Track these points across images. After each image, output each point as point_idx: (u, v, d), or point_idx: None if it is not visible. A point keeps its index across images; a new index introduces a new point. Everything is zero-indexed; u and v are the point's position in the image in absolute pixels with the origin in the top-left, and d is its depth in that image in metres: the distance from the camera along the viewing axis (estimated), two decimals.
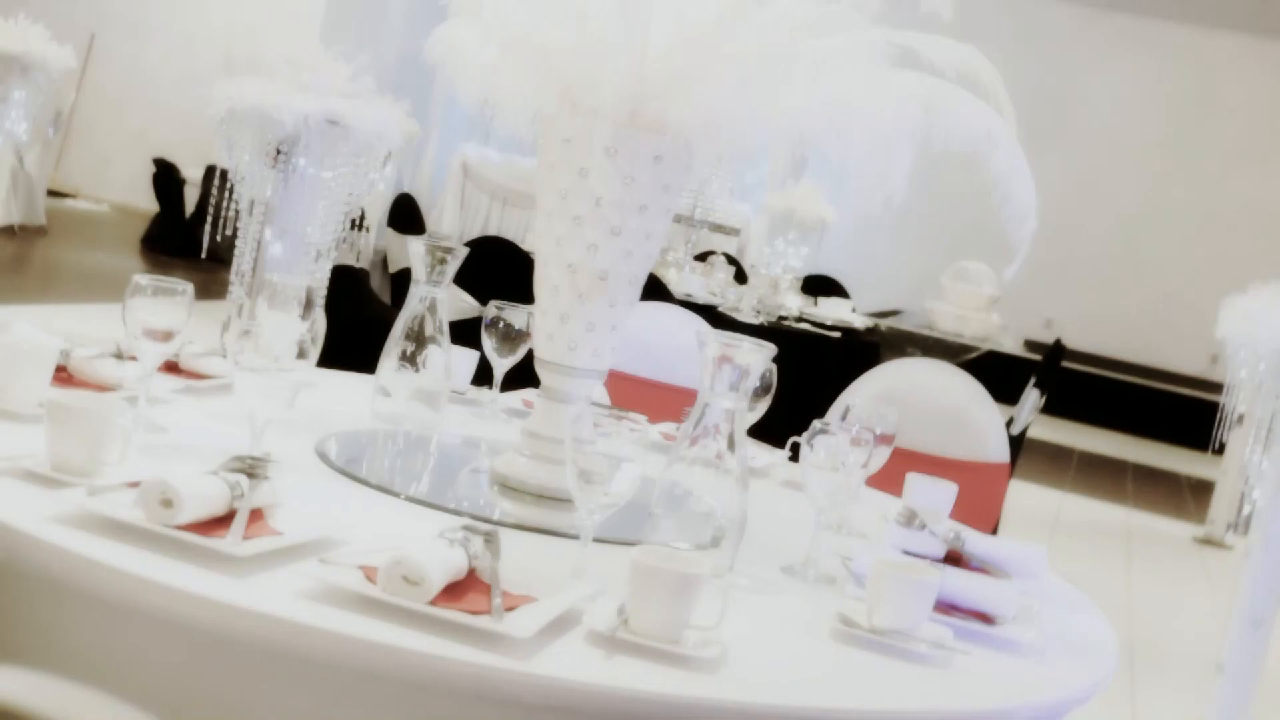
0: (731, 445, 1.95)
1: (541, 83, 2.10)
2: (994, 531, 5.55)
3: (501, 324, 2.70)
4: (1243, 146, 13.00)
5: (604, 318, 2.14)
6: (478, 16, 2.07)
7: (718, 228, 6.82)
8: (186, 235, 10.73)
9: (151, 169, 11.61)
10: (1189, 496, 9.21)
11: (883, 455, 2.38)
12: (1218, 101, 13.07)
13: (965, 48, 2.06)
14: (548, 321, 2.15)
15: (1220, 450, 4.49)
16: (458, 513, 1.96)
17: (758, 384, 2.59)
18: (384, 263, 7.38)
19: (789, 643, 1.75)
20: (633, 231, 2.10)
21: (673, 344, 3.31)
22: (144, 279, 2.07)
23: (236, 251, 3.62)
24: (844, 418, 2.40)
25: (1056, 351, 6.10)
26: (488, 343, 2.71)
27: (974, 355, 12.17)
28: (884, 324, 12.48)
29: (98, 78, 13.11)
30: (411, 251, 2.51)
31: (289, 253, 3.58)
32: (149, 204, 11.86)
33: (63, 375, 2.21)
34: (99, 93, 13.14)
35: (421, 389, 2.49)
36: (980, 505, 3.28)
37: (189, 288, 2.09)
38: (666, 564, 1.60)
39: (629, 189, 2.07)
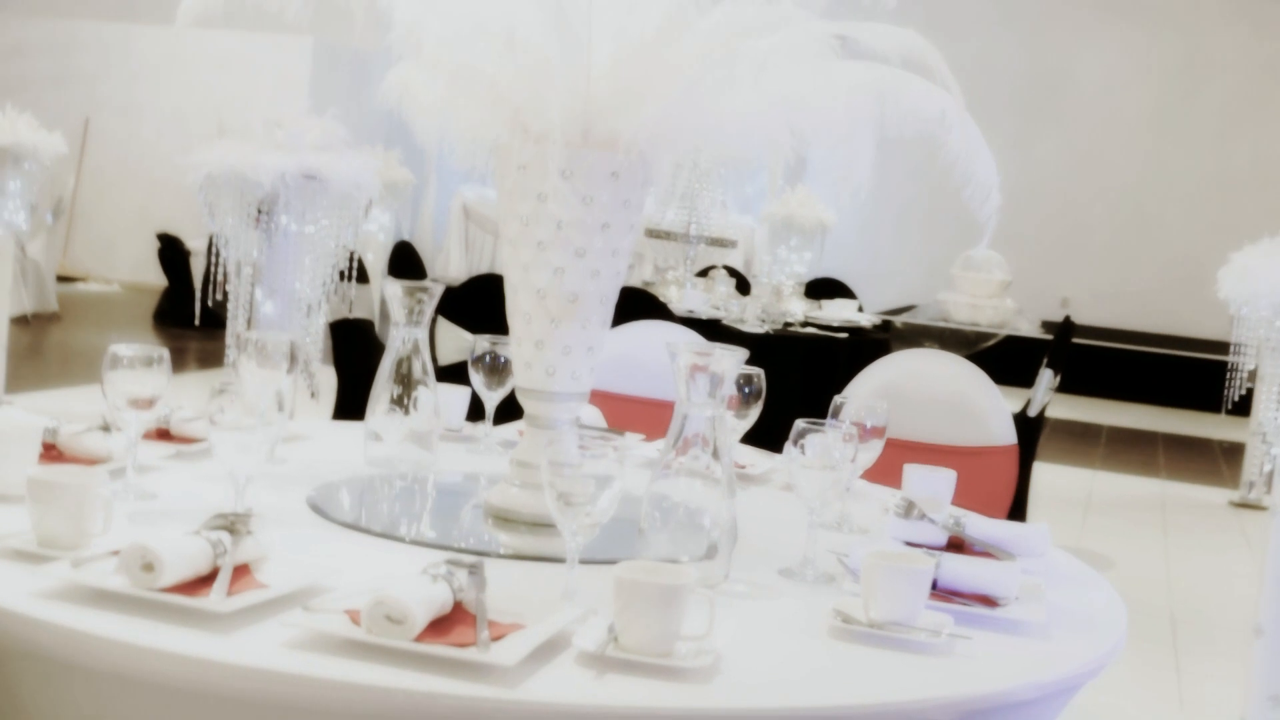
0: (716, 454, 1.95)
1: (491, 112, 2.11)
2: (1013, 513, 5.53)
3: (487, 358, 2.70)
4: (1237, 106, 12.95)
5: (579, 340, 2.14)
6: (420, 53, 2.07)
7: (715, 241, 6.81)
8: (200, 308, 10.80)
9: (156, 245, 11.68)
10: (1222, 461, 9.15)
11: (875, 449, 2.37)
12: (1208, 64, 13.02)
13: (904, 31, 2.05)
14: (524, 349, 2.15)
15: (1235, 411, 4.45)
16: (448, 549, 1.96)
17: (747, 390, 2.60)
18: (385, 312, 7.40)
19: (786, 644, 1.74)
20: (598, 251, 2.10)
21: (667, 361, 3.30)
22: (120, 349, 2.08)
23: (230, 314, 3.64)
24: (835, 415, 2.39)
25: (1066, 329, 6.07)
26: (476, 378, 2.71)
27: (992, 342, 12.13)
28: (899, 320, 12.48)
29: (95, 161, 13.23)
30: (388, 295, 2.51)
31: (281, 310, 3.60)
32: (158, 279, 11.93)
33: (53, 453, 2.22)
34: (98, 175, 13.25)
35: (413, 430, 2.49)
36: (992, 489, 3.26)
37: (164, 354, 2.10)
38: (650, 577, 1.59)
39: (589, 209, 2.07)
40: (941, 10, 13.55)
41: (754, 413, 2.60)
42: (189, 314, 11.00)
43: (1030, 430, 5.77)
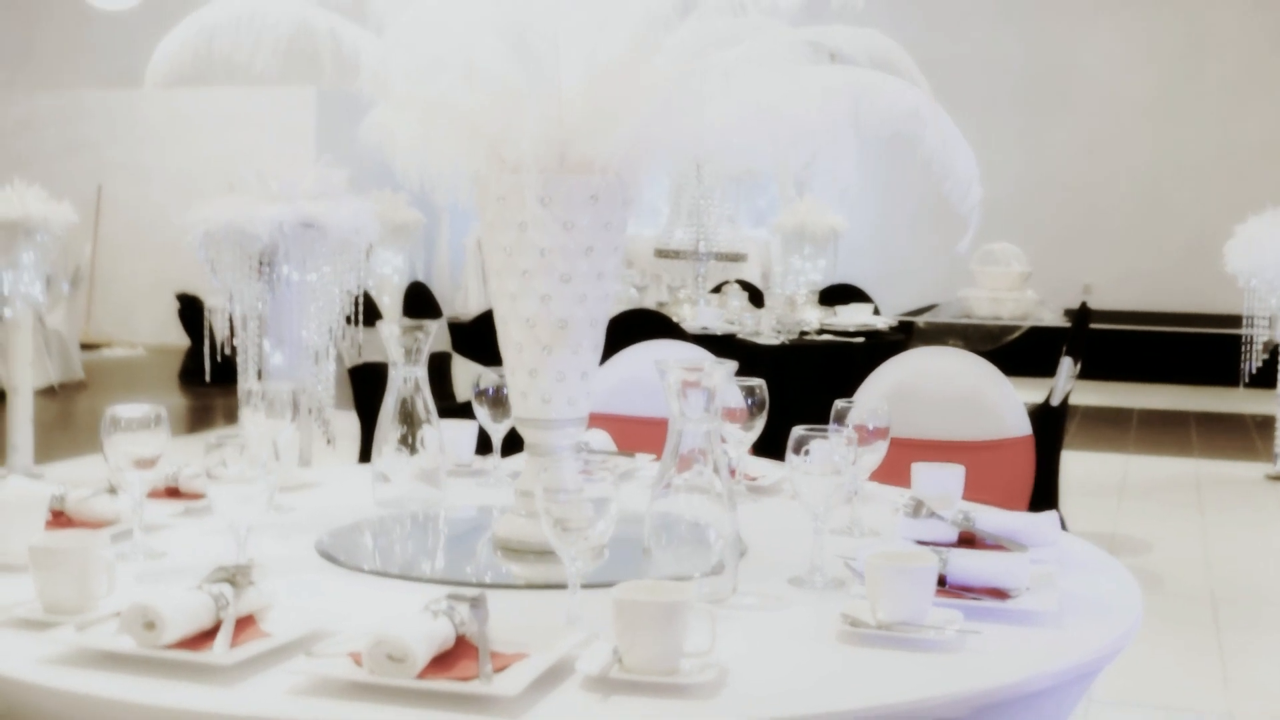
0: (715, 468, 1.95)
1: (467, 146, 2.12)
2: (1043, 503, 5.49)
3: (490, 390, 2.70)
4: (1243, 80, 12.89)
5: (572, 365, 2.14)
6: (389, 94, 2.07)
7: (725, 256, 6.81)
8: (221, 363, 10.85)
9: (176, 305, 11.75)
10: (1256, 436, 9.07)
11: (879, 451, 2.36)
12: (1211, 40, 12.96)
13: (868, 31, 2.05)
14: (518, 379, 2.16)
15: (1254, 383, 4.42)
16: (455, 583, 1.96)
17: (750, 401, 2.60)
18: None
19: (795, 653, 1.73)
20: (583, 275, 2.11)
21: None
22: (118, 411, 2.09)
23: (240, 367, 3.66)
24: (838, 419, 2.38)
25: (1083, 316, 6.04)
26: (480, 411, 2.71)
27: (1016, 335, 12.09)
28: (921, 320, 12.45)
29: (110, 227, 13.33)
30: (385, 336, 2.52)
31: (290, 359, 3.61)
32: (181, 339, 12.00)
33: (63, 519, 2.23)
34: (114, 241, 13.36)
35: (420, 469, 2.50)
36: (1010, 481, 3.24)
37: (162, 412, 2.11)
38: (649, 597, 1.59)
39: (571, 234, 2.08)
40: (939, 7, 13.56)
41: (759, 424, 2.60)
42: (214, 371, 11.09)
43: (1055, 420, 5.74)
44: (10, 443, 7.20)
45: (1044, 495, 5.51)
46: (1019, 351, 11.52)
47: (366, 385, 6.29)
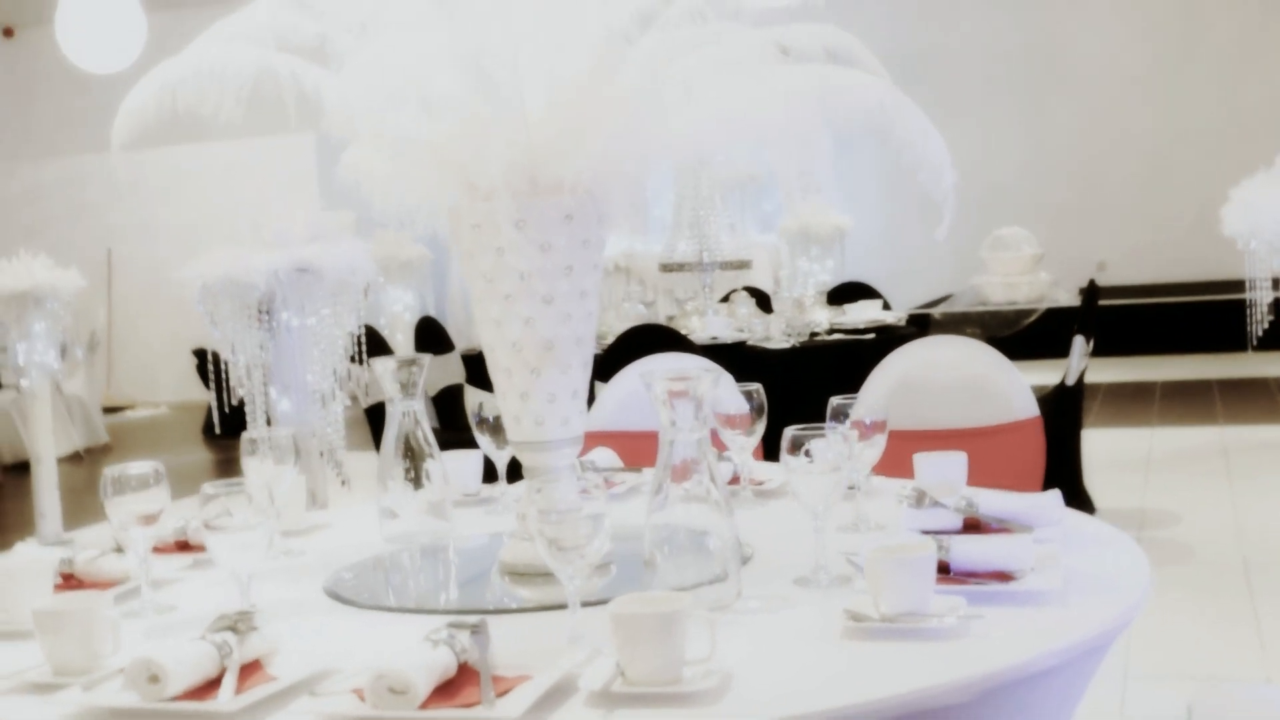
0: (710, 475, 1.95)
1: (438, 177, 2.12)
2: (1068, 482, 5.47)
3: (490, 418, 2.70)
4: (1240, 43, 12.83)
5: (562, 385, 2.14)
6: (354, 131, 2.08)
7: (729, 265, 6.81)
8: (235, 414, 10.89)
9: (194, 360, 11.80)
10: (1279, 399, 9.02)
11: (878, 445, 2.36)
12: (1203, 7, 12.92)
13: (825, 27, 2.06)
14: (510, 404, 2.16)
15: (1260, 347, 4.40)
16: (462, 612, 1.96)
17: (750, 406, 2.60)
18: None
19: (801, 653, 1.73)
20: (565, 295, 2.11)
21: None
22: (115, 471, 2.10)
23: (248, 416, 3.68)
24: (834, 416, 2.38)
25: (1092, 294, 6.02)
26: (482, 439, 2.72)
27: (1033, 318, 12.07)
28: (936, 311, 12.42)
29: (123, 289, 13.41)
30: (379, 373, 2.53)
31: (297, 405, 3.63)
32: (202, 395, 12.04)
33: (72, 581, 2.24)
34: (127, 303, 13.44)
35: (426, 502, 2.51)
36: (1021, 463, 3.23)
37: (159, 468, 2.11)
38: (645, 609, 1.59)
39: (548, 255, 2.08)
40: None
41: (759, 428, 2.60)
42: (237, 424, 11.14)
43: (1072, 399, 5.72)
44: (38, 510, 7.24)
45: (1065, 474, 5.49)
46: (1037, 335, 11.50)
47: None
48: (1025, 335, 11.86)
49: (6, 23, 13.85)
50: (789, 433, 2.02)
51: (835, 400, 2.40)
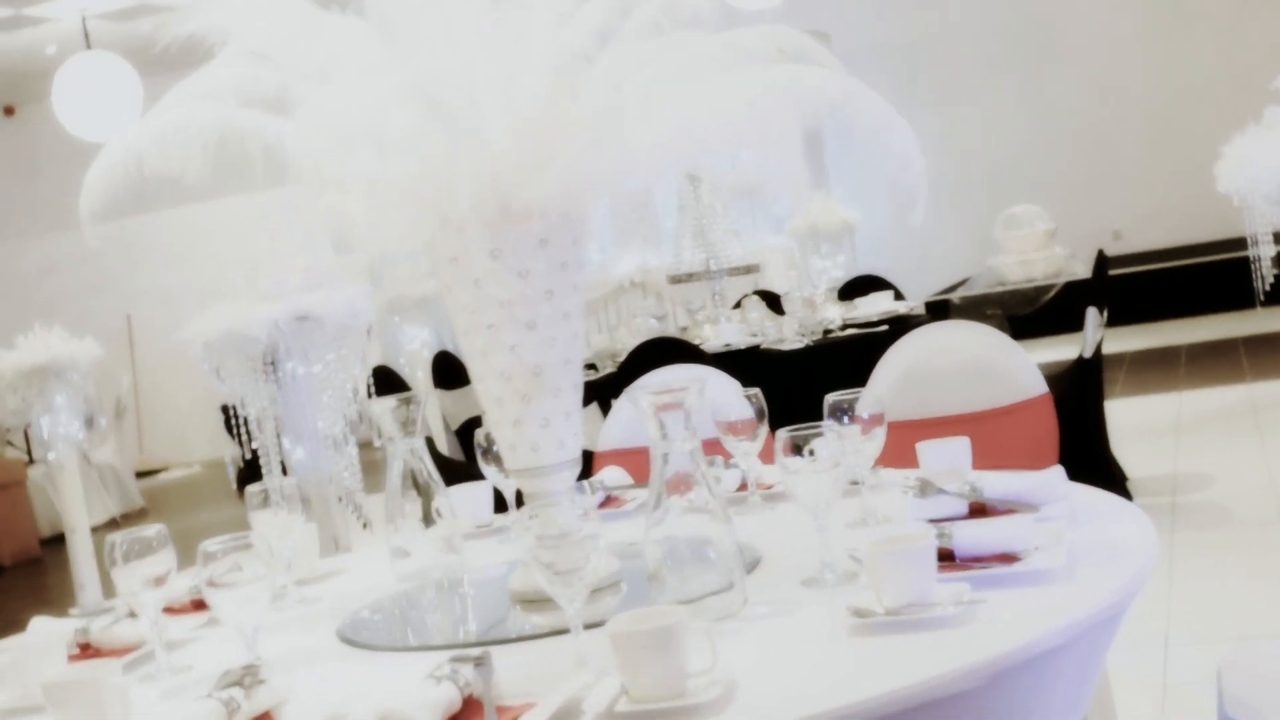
0: (705, 485, 1.94)
1: (413, 215, 2.13)
2: (1096, 454, 5.44)
3: (493, 448, 2.70)
4: (1233, 5, 12.77)
5: (555, 409, 2.14)
6: (320, 179, 2.08)
7: (737, 270, 6.80)
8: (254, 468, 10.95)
9: (222, 417, 11.85)
10: None
11: (878, 437, 2.34)
12: None
13: (778, 27, 2.06)
14: (504, 432, 2.16)
15: (1267, 302, 4.37)
16: (471, 645, 1.96)
17: (751, 412, 2.59)
18: (445, 424, 7.46)
19: (808, 654, 1.72)
20: (548, 319, 2.11)
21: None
22: (117, 539, 2.11)
23: (263, 468, 3.69)
24: (831, 413, 2.37)
25: (1101, 264, 5.99)
26: (488, 469, 2.72)
27: (1053, 293, 12.00)
28: (955, 296, 12.38)
29: (146, 353, 13.49)
30: (377, 413, 2.54)
31: (311, 453, 3.64)
32: (234, 450, 12.10)
33: (90, 650, 2.26)
34: (152, 367, 13.52)
35: (437, 538, 2.51)
36: (1034, 441, 3.21)
37: (161, 529, 2.12)
38: (641, 625, 1.58)
39: (527, 281, 2.08)
40: None
41: (763, 432, 2.59)
42: (258, 477, 11.18)
43: (1092, 371, 5.69)
44: (77, 581, 7.28)
45: (1090, 447, 5.46)
46: (1058, 309, 11.45)
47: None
48: (1046, 311, 11.81)
49: (7, 101, 13.98)
50: (782, 435, 2.01)
51: (831, 397, 2.39)
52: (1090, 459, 5.41)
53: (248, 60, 2.13)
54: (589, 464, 3.66)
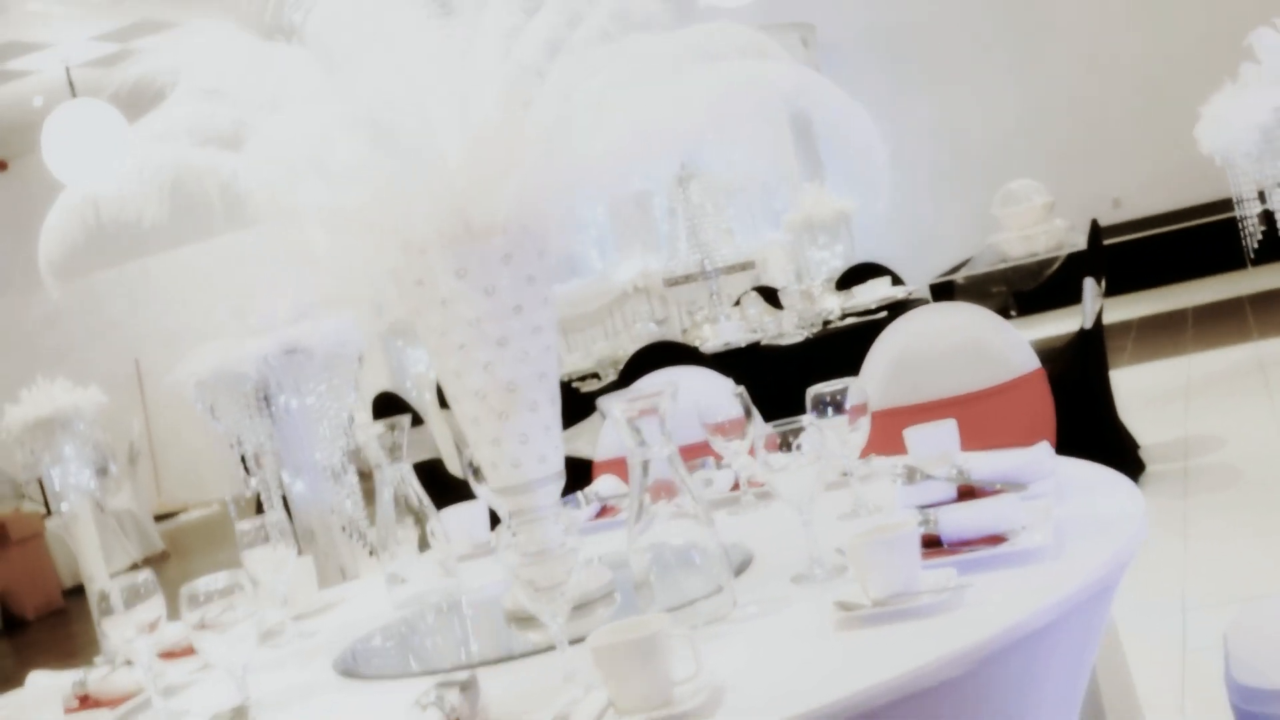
0: (686, 489, 1.93)
1: (375, 240, 2.12)
2: (1104, 426, 5.40)
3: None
4: None
5: (533, 424, 2.13)
6: (276, 209, 2.07)
7: (733, 268, 6.79)
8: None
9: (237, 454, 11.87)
10: None
11: (864, 427, 2.32)
12: None
13: (723, 24, 2.04)
14: (484, 452, 2.15)
15: (1257, 261, 4.33)
16: (462, 668, 1.95)
17: (738, 411, 2.58)
18: (456, 445, 7.44)
19: (798, 651, 1.71)
20: (518, 334, 2.09)
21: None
22: (106, 588, 2.10)
23: (264, 503, 3.68)
24: (814, 407, 2.35)
25: (1095, 235, 5.96)
26: (480, 489, 2.68)
27: (1056, 265, 11.97)
28: (959, 276, 12.35)
29: (156, 397, 13.51)
30: (363, 442, 2.53)
31: (311, 484, 3.63)
32: (234, 489, 12.11)
33: (89, 701, 2.25)
34: (163, 409, 13.54)
35: (432, 562, 2.50)
36: (1031, 417, 3.19)
37: (149, 575, 2.11)
38: (621, 637, 1.57)
39: (494, 298, 2.07)
40: None
41: (752, 430, 2.57)
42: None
43: (1093, 342, 5.66)
44: (100, 630, 7.29)
45: (1098, 417, 5.43)
46: (1061, 282, 11.41)
47: (426, 486, 6.31)
48: (1050, 284, 11.77)
49: (1, 157, 14.02)
50: (764, 431, 1.99)
51: (813, 389, 2.37)
52: (1097, 430, 5.39)
53: (201, 98, 2.12)
54: (588, 473, 3.65)
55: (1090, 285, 5.59)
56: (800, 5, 13.06)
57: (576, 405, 5.31)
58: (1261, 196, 3.62)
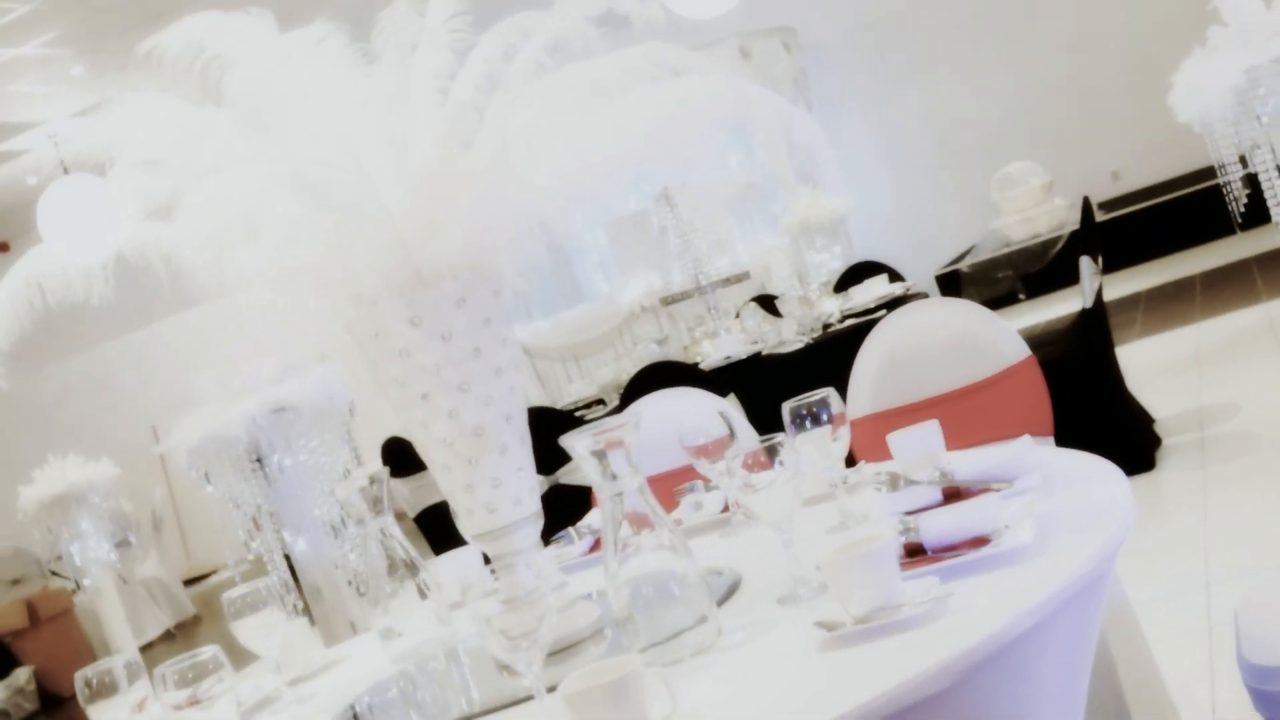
0: (660, 520, 1.89)
1: (326, 296, 2.09)
2: (1116, 403, 5.34)
3: None
4: None
5: (504, 467, 2.09)
6: (219, 273, 2.04)
7: (729, 281, 6.75)
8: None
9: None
10: None
11: (844, 438, 2.27)
12: None
13: (650, 45, 2.01)
14: (458, 500, 2.11)
15: (1246, 228, 4.27)
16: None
17: (722, 431, 2.54)
18: None
19: (781, 676, 1.66)
20: (480, 377, 2.06)
21: (667, 434, 3.24)
22: (87, 674, 2.07)
23: (268, 564, 3.65)
24: (793, 420, 2.31)
25: (1087, 213, 5.91)
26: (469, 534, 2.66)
27: (1060, 246, 11.90)
28: (964, 265, 12.29)
29: (178, 462, 13.51)
30: (343, 498, 2.49)
31: (313, 542, 3.60)
32: (232, 553, 12.09)
33: None
34: (185, 472, 13.52)
35: (427, 612, 2.46)
36: (1026, 406, 3.14)
37: (132, 659, 2.08)
38: (594, 681, 1.53)
39: (451, 344, 2.04)
40: None
41: (737, 448, 2.53)
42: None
43: (1097, 320, 5.61)
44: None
45: (1107, 396, 5.37)
46: (1066, 261, 11.32)
47: (433, 529, 6.28)
48: (1056, 264, 11.70)
49: (0, 238, 14.08)
50: (739, 453, 1.96)
51: (790, 404, 2.31)
52: (1107, 408, 5.32)
53: (138, 170, 2.09)
54: (586, 502, 3.61)
55: (1086, 264, 5.53)
56: (782, 9, 13.03)
57: None
58: (1243, 160, 3.55)
